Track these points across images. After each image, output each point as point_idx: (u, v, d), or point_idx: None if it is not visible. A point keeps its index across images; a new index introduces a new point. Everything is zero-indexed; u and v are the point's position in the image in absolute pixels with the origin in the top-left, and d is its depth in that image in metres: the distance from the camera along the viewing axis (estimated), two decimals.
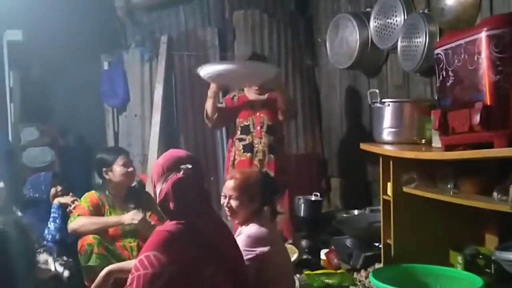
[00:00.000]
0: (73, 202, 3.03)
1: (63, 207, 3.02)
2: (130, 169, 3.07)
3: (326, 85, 4.99)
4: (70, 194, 3.10)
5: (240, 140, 3.65)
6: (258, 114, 3.63)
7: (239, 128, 3.66)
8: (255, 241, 2.20)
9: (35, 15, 4.55)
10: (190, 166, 1.83)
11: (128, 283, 1.68)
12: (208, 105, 3.63)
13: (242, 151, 3.63)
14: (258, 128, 3.62)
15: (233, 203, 2.29)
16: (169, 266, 1.67)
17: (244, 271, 1.95)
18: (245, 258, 2.06)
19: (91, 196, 2.99)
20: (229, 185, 2.33)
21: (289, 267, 2.50)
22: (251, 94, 3.69)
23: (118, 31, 5.17)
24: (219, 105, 3.70)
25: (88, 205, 2.93)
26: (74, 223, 2.84)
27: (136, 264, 1.69)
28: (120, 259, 2.76)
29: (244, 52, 4.85)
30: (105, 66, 5.17)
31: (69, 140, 5.26)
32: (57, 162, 5.02)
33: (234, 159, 3.66)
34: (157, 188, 1.85)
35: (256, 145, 3.61)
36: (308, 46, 5.08)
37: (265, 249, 2.21)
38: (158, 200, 1.83)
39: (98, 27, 5.01)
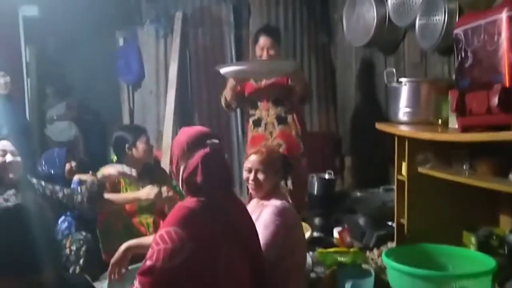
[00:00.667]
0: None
1: (83, 183, 3.06)
2: (151, 146, 3.17)
3: (342, 63, 4.95)
4: (90, 172, 3.15)
5: (251, 116, 3.66)
6: (263, 86, 3.62)
7: (249, 104, 3.67)
8: (282, 211, 2.25)
9: None
10: (217, 141, 1.85)
11: (147, 256, 1.70)
12: (228, 95, 3.63)
13: (253, 126, 3.64)
14: (265, 101, 3.62)
15: (260, 176, 2.32)
16: (189, 242, 1.68)
17: (260, 250, 1.98)
18: (274, 224, 2.16)
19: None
20: (256, 159, 2.35)
21: (304, 243, 2.52)
22: None
23: (133, 7, 5.16)
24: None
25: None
26: None
27: (156, 238, 1.71)
28: (138, 234, 2.81)
29: (258, 28, 4.80)
30: (120, 42, 5.18)
31: (87, 115, 5.32)
32: (80, 138, 5.09)
33: (247, 134, 3.69)
34: (180, 164, 1.83)
35: (265, 118, 3.61)
36: (324, 23, 5.02)
37: (288, 221, 2.26)
38: (184, 174, 1.81)
39: (113, 3, 5.00)
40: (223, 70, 3.46)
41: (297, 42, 4.93)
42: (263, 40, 3.56)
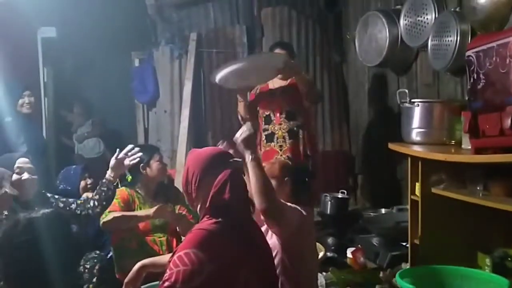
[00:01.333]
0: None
1: None
2: (164, 164, 3.18)
3: (354, 82, 4.98)
4: (90, 185, 3.21)
5: (264, 130, 3.68)
6: (277, 101, 3.62)
7: (262, 119, 3.69)
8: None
9: (68, 12, 4.67)
10: (240, 160, 1.86)
11: (165, 278, 1.70)
12: (240, 108, 3.66)
13: (265, 141, 3.66)
14: (278, 115, 3.64)
15: None
16: (208, 264, 1.69)
17: (274, 271, 1.99)
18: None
19: (121, 192, 3.05)
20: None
21: (316, 264, 2.50)
22: (273, 82, 3.67)
23: (149, 28, 5.27)
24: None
25: (119, 201, 2.98)
26: (106, 219, 2.91)
27: (175, 260, 1.71)
28: (151, 253, 2.83)
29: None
30: (136, 63, 5.27)
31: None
32: (108, 153, 5.16)
33: (260, 150, 3.69)
34: (202, 183, 1.82)
35: (277, 132, 3.64)
36: (337, 42, 5.07)
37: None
38: (212, 191, 1.80)
39: (129, 25, 5.10)
40: (215, 79, 3.42)
41: (310, 61, 4.98)
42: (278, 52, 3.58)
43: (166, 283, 1.68)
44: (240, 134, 2.08)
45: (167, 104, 5.07)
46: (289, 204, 2.21)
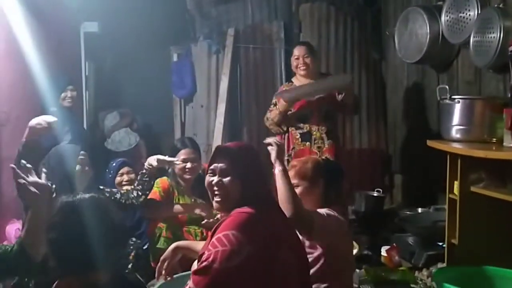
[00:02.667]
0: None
1: None
2: (188, 165, 3.10)
3: (393, 80, 4.91)
4: (129, 180, 3.27)
5: (297, 128, 3.67)
6: (315, 101, 3.62)
7: (296, 117, 3.67)
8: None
9: (110, 7, 4.77)
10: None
11: (204, 258, 1.72)
12: (276, 117, 3.66)
13: (300, 140, 3.65)
14: (316, 114, 3.62)
15: (296, 190, 2.30)
16: (247, 245, 1.71)
17: (306, 259, 1.99)
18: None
19: (163, 182, 3.12)
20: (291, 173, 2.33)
21: (351, 262, 2.49)
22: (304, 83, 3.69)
23: (188, 24, 5.32)
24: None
25: (160, 190, 3.06)
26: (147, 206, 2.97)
27: (213, 242, 1.74)
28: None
29: None
30: (174, 58, 5.34)
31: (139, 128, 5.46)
32: (142, 143, 5.21)
33: (293, 148, 3.69)
34: (239, 173, 1.88)
35: (314, 132, 3.62)
36: (375, 39, 5.01)
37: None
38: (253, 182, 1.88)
39: (169, 20, 5.18)
40: (286, 96, 3.52)
41: (348, 58, 4.94)
42: (298, 50, 3.71)
43: (204, 263, 1.70)
44: (272, 150, 2.20)
45: (204, 99, 5.12)
46: (322, 211, 2.22)
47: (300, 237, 2.08)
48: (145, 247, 3.12)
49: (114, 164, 3.53)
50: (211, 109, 5.07)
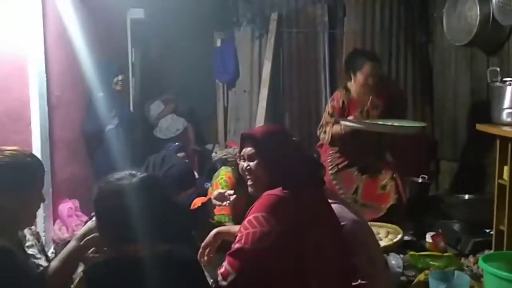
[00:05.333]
0: None
1: None
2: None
3: (440, 63, 4.77)
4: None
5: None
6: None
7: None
8: None
9: None
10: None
11: (236, 240, 1.78)
12: (336, 134, 3.67)
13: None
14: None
15: None
16: (276, 226, 1.75)
17: (341, 239, 1.99)
18: None
19: (231, 180, 3.09)
20: None
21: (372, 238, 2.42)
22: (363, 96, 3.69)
23: (231, 9, 5.33)
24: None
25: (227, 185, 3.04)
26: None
27: (244, 223, 1.79)
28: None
29: (353, 28, 4.79)
30: (218, 43, 5.38)
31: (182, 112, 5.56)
32: (190, 127, 5.31)
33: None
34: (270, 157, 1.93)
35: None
36: (422, 21, 4.87)
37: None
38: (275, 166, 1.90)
39: (212, 5, 5.22)
40: (345, 123, 3.54)
41: (393, 41, 4.83)
42: (367, 68, 3.58)
43: (237, 245, 1.76)
44: None
45: (247, 83, 5.15)
46: None
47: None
48: None
49: (171, 148, 3.55)
50: (254, 94, 5.09)
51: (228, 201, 2.74)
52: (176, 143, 3.62)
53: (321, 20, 4.90)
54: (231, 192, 2.76)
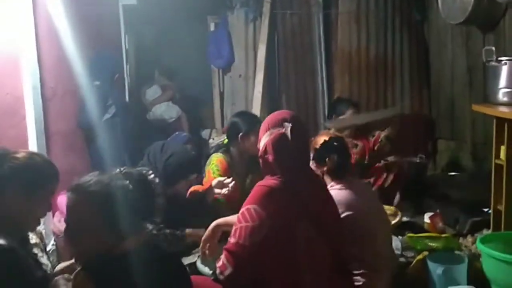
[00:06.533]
0: None
1: None
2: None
3: (436, 42, 4.74)
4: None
5: None
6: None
7: None
8: None
9: None
10: (290, 124, 1.91)
11: (232, 234, 1.83)
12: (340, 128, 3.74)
13: None
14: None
15: None
16: (267, 220, 1.78)
17: (341, 231, 2.00)
18: None
19: (222, 164, 3.05)
20: None
21: (380, 230, 2.41)
22: None
23: None
24: None
25: (220, 175, 2.97)
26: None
27: (239, 216, 1.83)
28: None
29: (348, 8, 4.74)
30: (212, 27, 5.31)
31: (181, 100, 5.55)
32: (183, 116, 5.31)
33: None
34: (261, 143, 1.96)
35: None
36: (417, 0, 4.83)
37: (341, 214, 2.20)
38: (260, 152, 1.93)
39: None
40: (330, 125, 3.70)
41: (389, 20, 4.79)
42: (350, 112, 3.82)
43: (232, 239, 1.81)
44: None
45: (242, 68, 5.10)
46: None
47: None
48: None
49: (181, 136, 3.48)
50: (249, 79, 5.05)
51: (227, 188, 2.76)
52: (184, 134, 3.55)
53: (315, 0, 4.84)
54: (229, 180, 2.78)
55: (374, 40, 4.79)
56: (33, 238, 2.01)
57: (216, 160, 3.07)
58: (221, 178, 2.81)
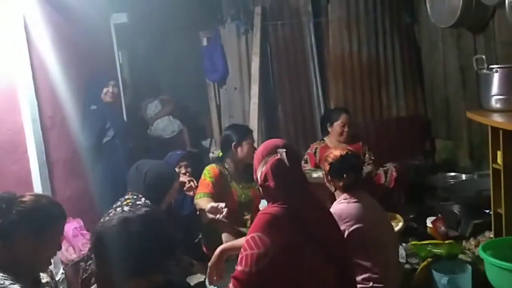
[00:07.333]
0: (188, 182, 3.22)
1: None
2: (254, 148, 3.13)
3: (427, 43, 4.78)
4: (187, 173, 3.34)
5: None
6: None
7: None
8: (339, 219, 2.25)
9: None
10: (285, 150, 1.96)
11: (238, 262, 1.86)
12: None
13: None
14: None
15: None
16: (272, 247, 1.81)
17: (347, 254, 2.04)
18: None
19: (213, 169, 3.14)
20: None
21: (389, 240, 2.48)
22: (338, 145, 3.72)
23: (214, 7, 5.29)
24: None
25: (212, 180, 3.08)
26: (200, 201, 3.00)
27: (244, 244, 1.87)
28: (236, 230, 2.97)
29: (338, 16, 4.78)
30: (204, 42, 5.34)
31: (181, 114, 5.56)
32: (184, 129, 5.34)
33: None
34: (258, 172, 1.99)
35: None
36: (407, 2, 4.86)
37: (351, 226, 2.29)
38: (260, 182, 1.97)
39: (195, 4, 5.16)
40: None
41: (379, 24, 4.83)
42: (344, 118, 3.83)
43: (239, 267, 1.84)
44: None
45: (237, 80, 5.12)
46: None
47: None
48: (197, 240, 3.22)
49: (174, 155, 3.49)
50: (245, 91, 5.07)
51: (221, 214, 2.79)
52: (178, 152, 3.56)
53: (305, 10, 4.88)
54: (223, 205, 2.81)
55: (365, 45, 4.82)
56: (43, 278, 2.05)
57: (209, 167, 3.18)
58: (214, 204, 2.82)
